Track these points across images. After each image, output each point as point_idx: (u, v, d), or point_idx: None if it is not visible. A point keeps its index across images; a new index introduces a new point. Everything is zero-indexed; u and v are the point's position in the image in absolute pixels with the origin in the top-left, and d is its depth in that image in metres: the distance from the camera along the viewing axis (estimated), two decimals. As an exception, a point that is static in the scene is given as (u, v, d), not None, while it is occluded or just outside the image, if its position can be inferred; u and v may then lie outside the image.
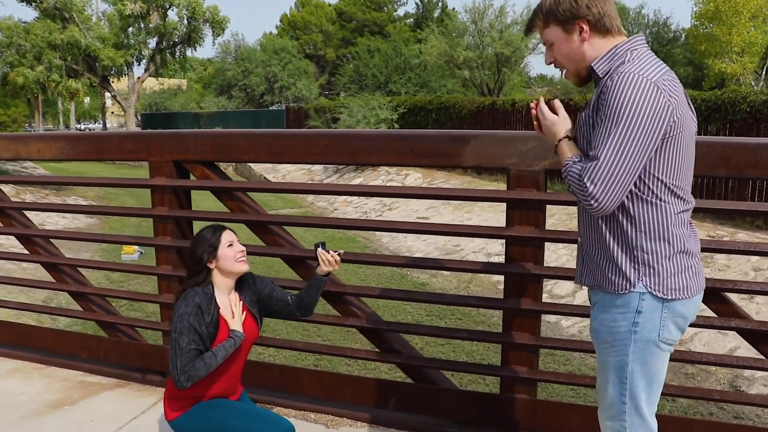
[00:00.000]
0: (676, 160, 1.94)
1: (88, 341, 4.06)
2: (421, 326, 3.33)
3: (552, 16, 2.03)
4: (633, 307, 2.00)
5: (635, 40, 2.01)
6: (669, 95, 1.86)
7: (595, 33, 2.00)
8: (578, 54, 2.03)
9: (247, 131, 3.35)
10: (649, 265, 1.97)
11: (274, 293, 2.86)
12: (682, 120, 1.91)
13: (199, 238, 2.69)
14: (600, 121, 1.90)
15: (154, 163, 3.55)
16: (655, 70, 1.89)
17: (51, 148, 3.81)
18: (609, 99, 1.86)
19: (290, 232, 3.49)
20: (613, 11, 2.02)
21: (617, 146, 1.85)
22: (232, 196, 3.40)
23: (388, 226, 3.10)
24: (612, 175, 1.86)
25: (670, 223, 1.98)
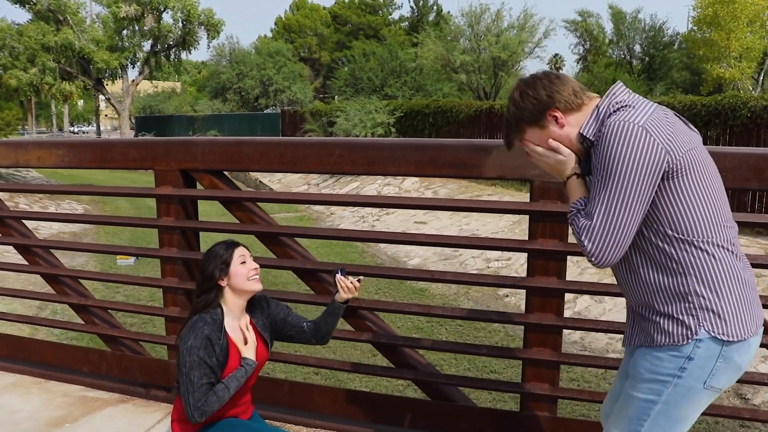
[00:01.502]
0: (699, 196, 1.84)
1: (90, 355, 3.93)
2: (439, 342, 3.22)
3: (523, 122, 1.99)
4: (685, 352, 1.89)
5: (615, 93, 1.93)
6: (660, 136, 1.78)
7: (569, 113, 1.94)
8: (565, 139, 1.97)
9: (257, 139, 3.23)
10: (710, 309, 1.86)
11: (289, 318, 2.74)
12: (686, 155, 1.81)
13: (210, 253, 2.56)
14: (596, 173, 1.85)
15: (159, 171, 3.43)
16: (641, 112, 1.82)
17: (52, 156, 3.68)
18: (599, 152, 1.82)
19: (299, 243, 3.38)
20: (575, 85, 1.95)
21: (610, 202, 1.80)
22: (241, 206, 3.28)
23: (406, 238, 2.98)
24: (608, 233, 1.82)
25: (721, 261, 1.87)
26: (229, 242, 2.59)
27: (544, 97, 1.93)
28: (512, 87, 2.04)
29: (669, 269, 1.88)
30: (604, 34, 35.18)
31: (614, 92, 1.92)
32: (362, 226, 15.96)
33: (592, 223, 1.83)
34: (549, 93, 1.92)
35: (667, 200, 1.83)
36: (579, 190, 1.97)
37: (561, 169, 2.01)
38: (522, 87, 1.98)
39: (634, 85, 27.06)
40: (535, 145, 2.01)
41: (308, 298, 3.21)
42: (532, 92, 1.94)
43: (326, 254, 11.81)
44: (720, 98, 13.54)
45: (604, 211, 1.81)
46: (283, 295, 3.34)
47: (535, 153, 2.03)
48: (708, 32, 23.38)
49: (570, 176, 2.00)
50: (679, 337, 1.88)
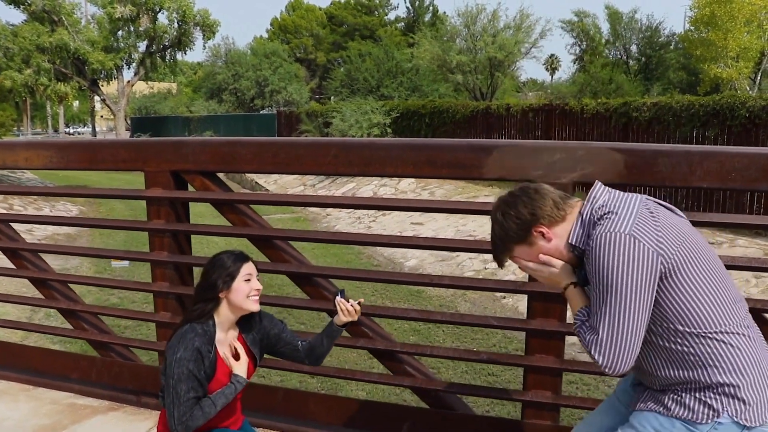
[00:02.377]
0: (702, 287, 1.81)
1: (79, 361, 3.83)
2: (438, 348, 3.12)
3: (509, 242, 1.96)
4: (702, 430, 1.84)
5: (594, 196, 1.91)
6: (649, 240, 1.77)
7: (554, 226, 1.91)
8: (555, 252, 1.94)
9: (251, 139, 3.14)
10: (734, 396, 1.82)
11: (283, 335, 2.64)
12: (679, 250, 1.79)
13: (217, 262, 2.45)
14: (593, 285, 1.83)
15: (150, 173, 3.33)
16: (625, 218, 1.80)
17: (39, 157, 3.58)
18: (591, 266, 1.81)
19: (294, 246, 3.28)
20: (554, 197, 1.93)
21: (613, 315, 1.78)
22: (234, 208, 3.19)
23: (403, 241, 2.89)
24: (617, 344, 1.79)
25: (740, 348, 1.83)
26: (238, 255, 2.48)
27: (526, 215, 1.90)
28: (493, 206, 2.01)
29: (688, 363, 1.84)
30: (600, 35, 35.18)
31: (594, 196, 1.90)
32: (358, 227, 15.87)
33: (598, 336, 1.81)
34: (531, 210, 1.90)
35: (671, 298, 1.80)
36: (579, 299, 1.95)
37: (557, 281, 1.99)
38: (503, 208, 1.95)
39: (631, 85, 27.01)
40: (526, 261, 1.99)
41: (304, 303, 3.11)
42: (513, 212, 1.92)
43: (322, 255, 11.70)
44: (718, 98, 13.46)
45: (608, 324, 1.79)
46: (278, 300, 3.24)
47: (527, 268, 2.01)
48: (705, 32, 23.34)
49: (567, 286, 1.98)
50: (700, 415, 1.84)
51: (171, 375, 2.32)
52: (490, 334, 8.08)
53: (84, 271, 10.87)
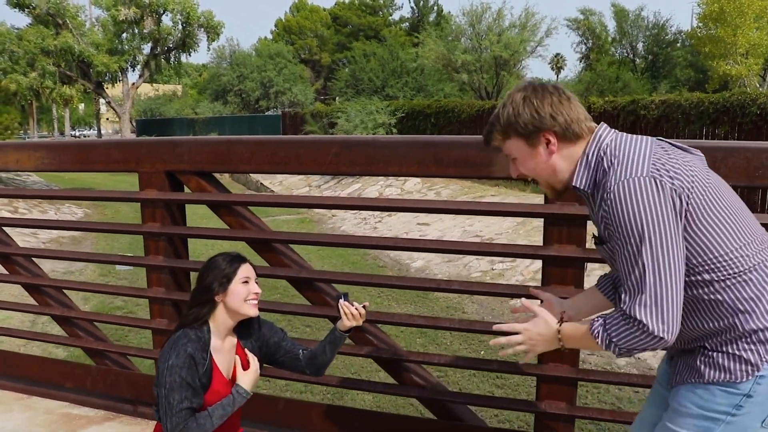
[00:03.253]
0: (723, 224, 1.64)
1: (74, 369, 3.69)
2: (446, 356, 2.97)
3: (512, 130, 1.76)
4: (743, 390, 1.66)
5: (601, 135, 1.73)
6: (668, 178, 1.59)
7: (564, 143, 1.74)
8: (547, 168, 1.77)
9: (248, 138, 3.00)
10: None
11: (284, 343, 2.49)
12: (693, 186, 1.62)
13: (212, 264, 2.31)
14: (617, 241, 1.63)
15: (144, 174, 3.19)
16: (640, 160, 1.63)
17: (30, 158, 3.45)
18: (616, 222, 1.60)
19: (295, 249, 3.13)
20: (582, 113, 1.74)
21: (656, 269, 1.58)
22: (231, 210, 3.05)
23: (411, 245, 2.75)
24: (667, 301, 1.58)
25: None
26: (235, 256, 2.34)
27: (547, 114, 1.71)
28: (517, 86, 1.80)
29: (716, 313, 1.68)
30: (606, 33, 34.94)
31: (600, 135, 1.73)
32: (364, 227, 15.72)
33: (643, 299, 1.59)
34: (554, 113, 1.71)
35: (692, 242, 1.63)
36: (579, 326, 1.76)
37: (545, 333, 1.80)
38: (528, 93, 1.74)
39: (638, 83, 26.80)
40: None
41: (304, 310, 2.97)
42: (536, 103, 1.72)
43: (328, 257, 11.55)
44: (728, 95, 13.30)
45: (652, 280, 1.58)
46: (277, 306, 3.10)
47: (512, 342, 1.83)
48: (714, 29, 23.08)
49: (558, 327, 1.79)
50: (738, 373, 1.66)
51: (163, 384, 2.18)
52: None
53: (89, 273, 10.76)
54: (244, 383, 2.28)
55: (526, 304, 1.90)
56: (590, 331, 1.69)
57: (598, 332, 1.67)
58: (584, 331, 1.72)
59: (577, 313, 2.03)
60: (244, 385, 2.28)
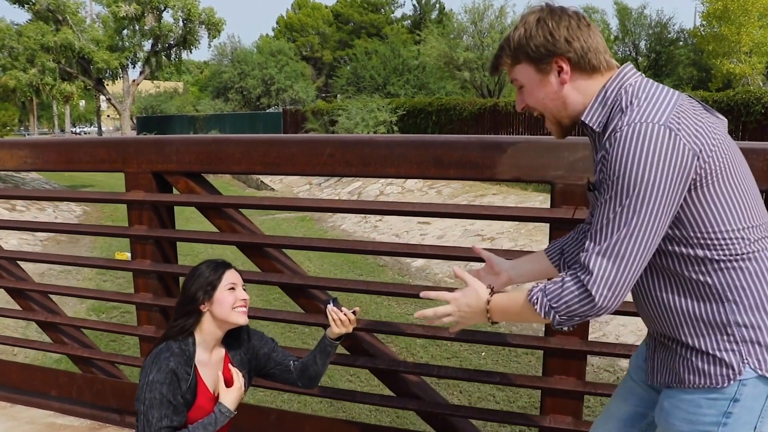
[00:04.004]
0: (733, 202, 1.48)
1: (59, 377, 3.54)
2: (446, 368, 2.83)
3: (522, 53, 1.59)
4: (729, 394, 1.51)
5: (626, 74, 1.56)
6: (688, 135, 1.41)
7: (579, 73, 1.57)
8: (557, 100, 1.60)
9: (239, 137, 2.85)
10: (755, 342, 1.49)
11: (274, 354, 2.36)
12: (715, 153, 1.45)
13: (195, 273, 2.18)
14: (606, 183, 1.46)
15: (130, 174, 3.05)
16: (661, 105, 1.45)
17: (13, 157, 3.30)
18: (611, 164, 1.43)
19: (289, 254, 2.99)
20: (601, 44, 1.58)
21: (630, 226, 1.42)
22: (221, 213, 2.90)
23: (409, 250, 2.60)
24: (623, 271, 1.44)
25: (765, 280, 1.50)
26: (219, 262, 2.21)
27: (561, 38, 1.54)
28: (532, 7, 1.64)
29: (700, 295, 1.52)
30: (609, 31, 34.69)
31: (624, 73, 1.56)
32: (364, 226, 15.57)
33: (601, 260, 1.44)
34: (569, 37, 1.54)
35: (694, 212, 1.47)
36: (513, 295, 1.63)
37: (473, 302, 1.68)
38: (544, 14, 1.58)
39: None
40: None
41: (297, 318, 2.83)
42: (552, 24, 1.55)
43: (327, 256, 11.40)
44: (733, 94, 13.18)
45: (622, 237, 1.43)
46: (270, 314, 2.95)
47: (437, 313, 1.73)
48: (717, 27, 22.90)
49: (489, 298, 1.66)
50: (718, 378, 1.51)
51: (142, 400, 2.05)
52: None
53: (86, 271, 10.63)
54: (227, 401, 2.14)
55: (458, 273, 1.76)
56: (528, 298, 1.55)
57: (537, 298, 1.53)
58: (520, 300, 1.59)
59: (518, 275, 1.92)
60: (227, 403, 2.14)
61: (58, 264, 4.21)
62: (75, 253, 12.39)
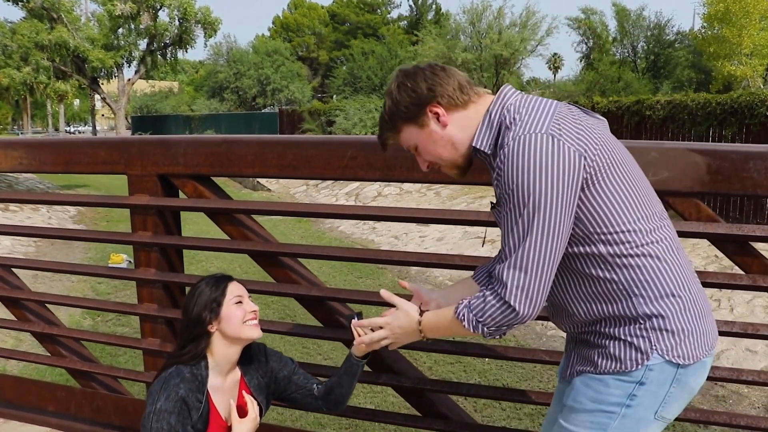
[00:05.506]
0: (625, 195, 1.57)
1: (56, 391, 3.34)
2: (476, 386, 2.63)
3: (398, 119, 1.70)
4: (635, 377, 1.60)
5: (506, 95, 1.65)
6: (570, 138, 1.51)
7: (454, 110, 1.67)
8: (447, 143, 1.69)
9: (251, 138, 2.65)
10: (663, 329, 1.59)
11: (295, 377, 2.17)
12: (599, 152, 1.54)
13: (195, 292, 1.99)
14: (503, 198, 1.54)
15: (134, 177, 2.85)
16: (541, 117, 1.55)
17: (7, 158, 3.10)
18: (503, 180, 1.52)
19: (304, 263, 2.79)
20: (461, 78, 1.68)
21: (534, 238, 1.50)
22: (232, 219, 2.70)
23: (438, 260, 2.40)
24: (538, 276, 1.53)
25: (667, 262, 1.60)
26: (218, 276, 2.02)
27: (424, 90, 1.65)
28: (390, 78, 1.78)
29: (609, 293, 1.61)
30: (607, 32, 34.64)
31: (505, 94, 1.65)
32: (362, 227, 15.41)
33: (513, 272, 1.53)
34: (430, 86, 1.65)
35: (590, 209, 1.55)
36: (442, 313, 1.72)
37: (406, 324, 1.80)
38: (400, 78, 1.69)
39: (640, 83, 26.54)
40: (366, 334, 1.87)
41: (315, 332, 2.63)
42: (411, 84, 1.66)
43: (339, 265, 11.08)
44: (736, 96, 13.04)
45: (528, 250, 1.51)
46: (285, 327, 2.76)
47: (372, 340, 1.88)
48: (718, 29, 22.82)
49: (420, 318, 1.78)
50: (628, 362, 1.60)
51: (148, 428, 1.85)
52: (504, 341, 7.58)
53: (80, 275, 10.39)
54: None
55: (384, 295, 1.84)
56: (455, 315, 1.64)
57: (464, 315, 1.62)
58: (449, 316, 1.67)
59: (447, 303, 1.89)
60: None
61: (55, 272, 4.00)
62: (70, 254, 12.15)
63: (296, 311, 8.01)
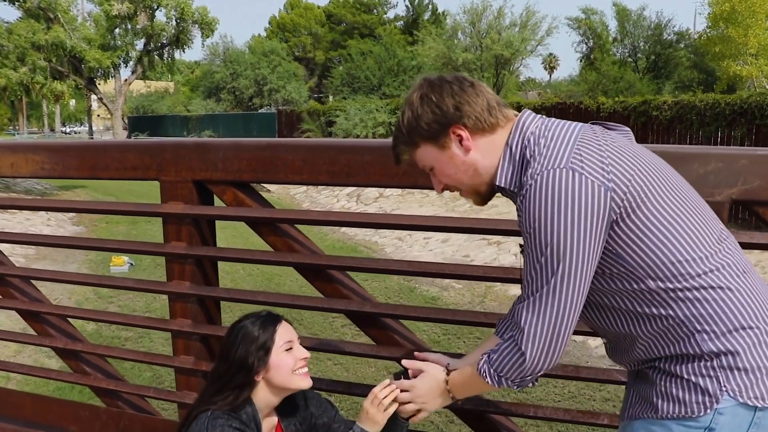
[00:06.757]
0: (672, 221, 1.39)
1: (79, 411, 3.14)
2: (543, 408, 2.45)
3: (417, 135, 1.54)
4: (704, 423, 1.38)
5: (524, 123, 1.49)
6: (594, 171, 1.35)
7: (480, 135, 1.51)
8: (468, 169, 1.54)
9: (298, 142, 2.47)
10: (734, 367, 1.36)
11: (335, 425, 1.97)
12: (633, 179, 1.38)
13: (239, 332, 1.80)
14: (525, 246, 1.42)
15: (167, 183, 2.66)
16: (562, 148, 1.39)
17: (28, 163, 2.90)
18: (526, 219, 1.39)
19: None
20: (492, 98, 1.52)
21: (553, 287, 1.37)
22: (276, 229, 2.51)
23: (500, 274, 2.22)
24: (556, 327, 1.39)
25: (731, 300, 1.38)
26: (266, 317, 1.83)
27: (449, 107, 1.49)
28: (413, 85, 1.57)
29: (666, 333, 1.41)
30: (607, 32, 34.58)
31: (523, 123, 1.50)
32: (365, 229, 15.24)
33: (532, 320, 1.40)
34: (457, 103, 1.49)
35: (632, 244, 1.38)
36: (467, 373, 1.62)
37: (432, 386, 1.71)
38: (424, 89, 1.52)
39: (643, 84, 26.49)
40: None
41: (369, 351, 2.45)
42: (436, 98, 1.50)
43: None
44: (746, 96, 12.97)
45: (545, 300, 1.38)
46: (334, 345, 2.57)
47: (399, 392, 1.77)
48: (724, 28, 22.77)
49: (447, 376, 1.68)
50: (695, 407, 1.38)
51: None
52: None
53: (84, 268, 10.22)
54: None
55: (406, 364, 1.75)
56: (477, 371, 1.54)
57: (485, 371, 1.52)
58: (473, 375, 1.56)
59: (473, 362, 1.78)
60: None
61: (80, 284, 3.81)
62: (70, 255, 11.97)
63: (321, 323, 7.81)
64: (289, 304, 2.54)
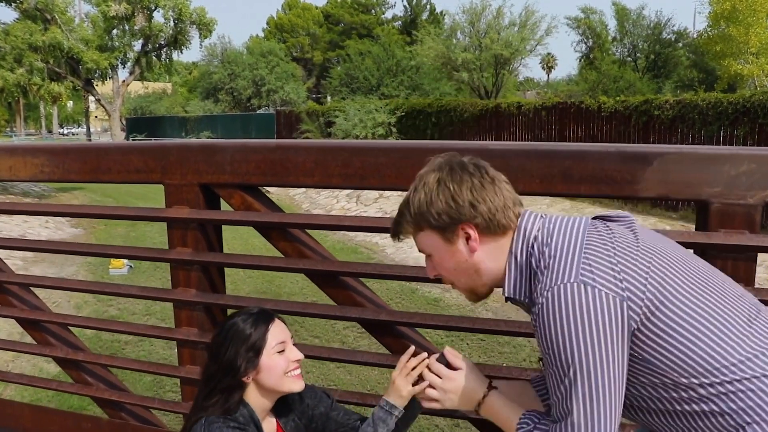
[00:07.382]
0: (699, 316, 1.29)
1: (81, 422, 3.04)
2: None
3: (424, 220, 1.46)
4: None
5: (526, 229, 1.42)
6: (606, 281, 1.27)
7: (488, 236, 1.44)
8: (469, 269, 1.47)
9: (309, 143, 2.37)
10: None
11: (333, 414, 1.89)
12: (648, 281, 1.29)
13: (229, 330, 1.70)
14: (548, 364, 1.34)
15: (172, 186, 2.56)
16: (569, 258, 1.31)
17: (28, 166, 2.80)
18: (542, 339, 1.32)
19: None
20: (508, 197, 1.45)
21: (582, 403, 1.29)
22: (286, 234, 2.41)
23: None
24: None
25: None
26: (258, 314, 1.73)
27: (466, 202, 1.41)
28: (431, 164, 1.49)
29: (715, 428, 1.30)
30: (607, 32, 34.50)
31: (524, 227, 1.43)
32: (368, 232, 15.14)
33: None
34: (474, 199, 1.41)
35: (660, 349, 1.29)
36: (506, 408, 1.52)
37: (469, 391, 1.58)
38: (444, 173, 1.44)
39: (643, 83, 26.40)
40: (435, 362, 1.63)
41: (383, 360, 2.35)
42: (454, 188, 1.42)
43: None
44: (749, 95, 12.85)
45: (576, 424, 1.29)
46: (344, 355, 2.48)
47: (431, 376, 1.64)
48: (725, 27, 22.67)
49: (486, 394, 1.56)
50: None
51: None
52: (518, 347, 7.30)
53: (81, 279, 10.08)
54: None
55: (449, 354, 1.65)
56: (517, 426, 1.47)
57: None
58: (511, 418, 1.50)
59: (508, 393, 1.70)
60: None
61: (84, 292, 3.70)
62: (69, 257, 11.82)
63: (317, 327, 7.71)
64: (301, 312, 2.44)
